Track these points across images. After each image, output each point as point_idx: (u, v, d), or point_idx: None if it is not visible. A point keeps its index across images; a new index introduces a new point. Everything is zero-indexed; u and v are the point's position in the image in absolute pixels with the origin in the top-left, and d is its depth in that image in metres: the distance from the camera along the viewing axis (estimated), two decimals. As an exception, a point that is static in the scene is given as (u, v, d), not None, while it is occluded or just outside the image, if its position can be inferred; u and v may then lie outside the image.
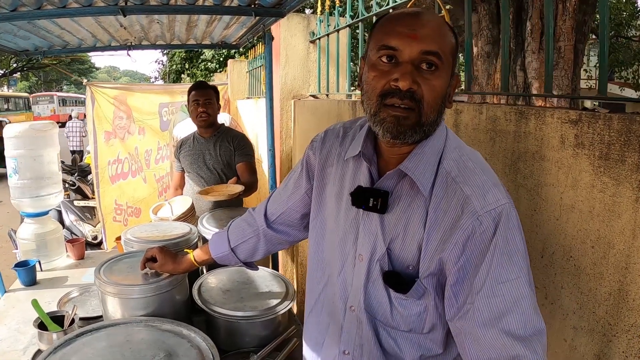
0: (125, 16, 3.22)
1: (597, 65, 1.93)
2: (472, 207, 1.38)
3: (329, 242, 1.79)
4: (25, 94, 42.41)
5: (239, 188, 3.79)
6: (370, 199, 1.55)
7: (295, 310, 2.92)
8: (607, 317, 1.62)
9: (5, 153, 3.82)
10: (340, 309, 1.72)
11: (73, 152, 17.85)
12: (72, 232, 7.04)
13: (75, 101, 45.76)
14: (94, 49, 4.76)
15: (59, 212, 7.17)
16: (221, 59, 24.15)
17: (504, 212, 1.37)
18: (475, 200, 1.39)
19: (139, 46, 4.87)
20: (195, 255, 2.35)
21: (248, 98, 8.83)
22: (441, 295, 1.51)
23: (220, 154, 4.24)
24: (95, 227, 7.46)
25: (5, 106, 33.98)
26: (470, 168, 1.46)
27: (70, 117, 26.16)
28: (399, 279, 1.54)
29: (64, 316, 2.55)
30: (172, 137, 5.84)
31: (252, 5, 3.43)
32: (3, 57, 51.14)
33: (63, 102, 44.88)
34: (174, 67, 28.13)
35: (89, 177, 8.12)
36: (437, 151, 1.50)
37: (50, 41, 4.29)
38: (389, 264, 1.56)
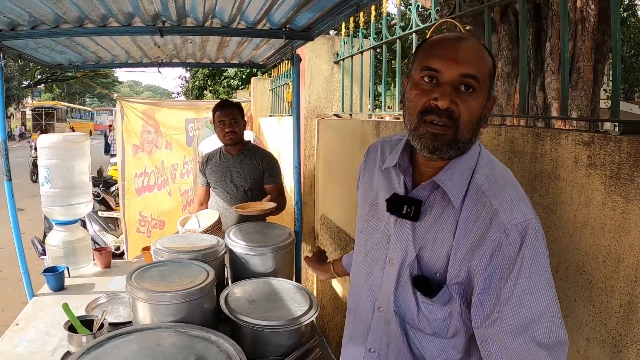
0: (162, 36, 3.34)
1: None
2: (499, 220, 1.46)
3: (362, 246, 1.91)
4: (90, 108, 60.48)
5: (272, 205, 3.94)
6: (404, 206, 1.65)
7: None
8: (618, 329, 1.69)
9: (39, 162, 3.96)
10: (369, 309, 1.83)
11: (113, 155, 19.13)
12: (95, 242, 7.14)
13: (126, 115, 52.35)
14: (126, 65, 4.86)
15: (83, 222, 7.28)
16: (243, 77, 24.21)
17: (530, 226, 1.45)
18: (502, 214, 1.46)
19: (169, 63, 4.95)
20: (334, 265, 2.66)
21: (270, 116, 8.91)
22: (466, 303, 1.59)
23: (247, 172, 4.30)
24: (118, 237, 7.56)
25: (79, 115, 50.73)
26: (500, 183, 1.54)
27: (109, 127, 30.24)
28: (427, 283, 1.63)
29: (93, 320, 2.63)
30: (197, 153, 5.92)
31: (283, 29, 3.53)
32: (28, 69, 51.87)
33: (119, 115, 53.13)
34: (197, 83, 28.29)
35: (112, 188, 8.24)
36: (470, 166, 1.59)
37: (85, 56, 4.40)
38: (418, 269, 1.66)
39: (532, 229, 1.44)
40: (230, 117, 4.21)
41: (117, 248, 7.35)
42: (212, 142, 5.47)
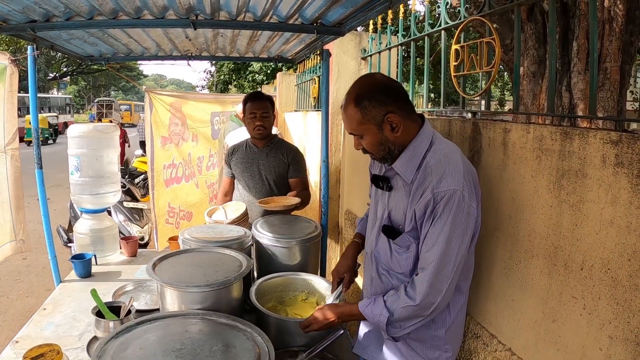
0: (195, 29, 3.37)
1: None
2: (432, 187, 2.13)
3: (370, 211, 2.73)
4: (142, 103, 68.86)
5: (296, 200, 3.96)
6: (379, 182, 2.47)
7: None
8: (641, 327, 1.69)
9: (69, 151, 4.03)
10: (367, 253, 2.63)
11: (142, 142, 19.82)
12: (120, 232, 7.22)
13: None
14: (156, 57, 4.90)
15: (109, 212, 7.36)
16: (268, 71, 24.21)
17: (449, 195, 2.09)
18: (436, 183, 2.12)
19: (199, 57, 5.00)
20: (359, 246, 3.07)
21: (296, 111, 8.94)
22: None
23: (273, 164, 4.30)
24: (142, 228, 7.65)
25: (136, 108, 58.27)
26: (443, 162, 2.18)
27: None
28: (391, 229, 2.38)
29: (120, 307, 2.71)
30: (223, 145, 5.92)
31: (315, 24, 3.54)
32: (54, 61, 52.49)
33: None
34: (222, 77, 28.30)
35: (137, 179, 8.32)
36: (419, 154, 2.26)
37: (116, 48, 4.46)
38: (389, 223, 2.42)
39: (449, 196, 2.09)
40: (262, 110, 4.21)
41: (142, 238, 7.44)
42: (239, 135, 5.48)
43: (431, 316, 2.24)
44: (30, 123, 3.77)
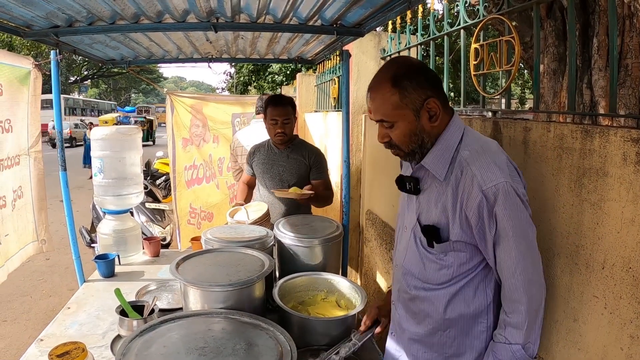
0: (216, 32, 3.40)
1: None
2: (478, 183, 1.88)
3: (398, 223, 2.44)
4: None
5: (309, 193, 3.96)
6: (406, 183, 2.20)
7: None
8: (663, 326, 1.68)
9: (92, 153, 4.12)
10: (396, 266, 2.36)
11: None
12: (142, 233, 7.28)
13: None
14: (177, 60, 4.94)
15: (131, 213, 7.41)
16: (288, 72, 24.25)
17: (501, 188, 1.85)
18: (480, 178, 1.88)
19: (219, 59, 5.01)
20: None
21: (316, 111, 8.95)
22: (465, 250, 2.05)
23: (294, 166, 4.29)
24: (164, 229, 7.72)
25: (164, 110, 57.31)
26: (480, 153, 1.95)
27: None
28: (435, 231, 2.07)
29: (143, 306, 2.75)
30: (233, 140, 5.88)
31: (334, 25, 3.56)
32: (75, 65, 53.07)
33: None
34: (242, 79, 28.38)
35: (159, 181, 8.39)
36: (450, 147, 2.03)
37: (137, 52, 4.51)
38: (419, 229, 2.14)
39: (503, 190, 1.85)
40: (283, 117, 4.17)
41: (164, 239, 7.50)
42: (249, 132, 5.51)
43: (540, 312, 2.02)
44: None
